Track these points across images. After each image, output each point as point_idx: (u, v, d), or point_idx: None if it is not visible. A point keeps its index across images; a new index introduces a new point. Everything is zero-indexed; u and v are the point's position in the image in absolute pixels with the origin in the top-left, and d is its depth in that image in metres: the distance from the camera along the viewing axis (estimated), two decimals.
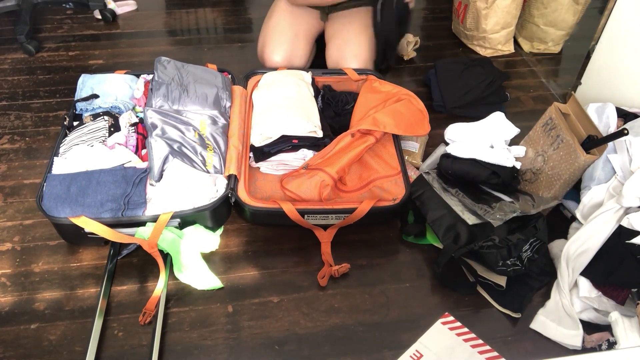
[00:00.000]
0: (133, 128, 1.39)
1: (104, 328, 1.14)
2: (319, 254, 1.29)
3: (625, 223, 1.10)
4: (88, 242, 1.29)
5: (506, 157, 1.34)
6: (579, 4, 1.91)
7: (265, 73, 1.63)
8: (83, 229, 1.19)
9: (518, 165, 1.37)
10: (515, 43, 2.10)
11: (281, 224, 1.32)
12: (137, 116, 1.44)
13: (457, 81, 1.74)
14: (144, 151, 1.37)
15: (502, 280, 1.20)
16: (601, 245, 1.13)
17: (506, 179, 1.32)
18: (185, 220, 1.25)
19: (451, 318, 1.18)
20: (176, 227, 1.26)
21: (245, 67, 1.69)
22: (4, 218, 1.37)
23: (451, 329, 1.16)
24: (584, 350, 1.11)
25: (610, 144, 1.23)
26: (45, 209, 1.20)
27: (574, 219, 1.28)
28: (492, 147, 1.37)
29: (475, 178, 1.33)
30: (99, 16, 2.18)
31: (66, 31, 2.12)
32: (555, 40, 2.03)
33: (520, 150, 1.42)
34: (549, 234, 1.23)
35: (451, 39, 2.14)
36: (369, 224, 1.34)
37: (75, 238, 1.27)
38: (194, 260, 1.23)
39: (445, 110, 1.73)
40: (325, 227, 1.32)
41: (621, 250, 1.11)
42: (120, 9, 2.23)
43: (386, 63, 1.90)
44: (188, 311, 1.18)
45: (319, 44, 1.87)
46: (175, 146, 1.30)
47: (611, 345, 1.08)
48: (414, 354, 1.11)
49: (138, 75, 1.58)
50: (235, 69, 1.67)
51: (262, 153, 1.39)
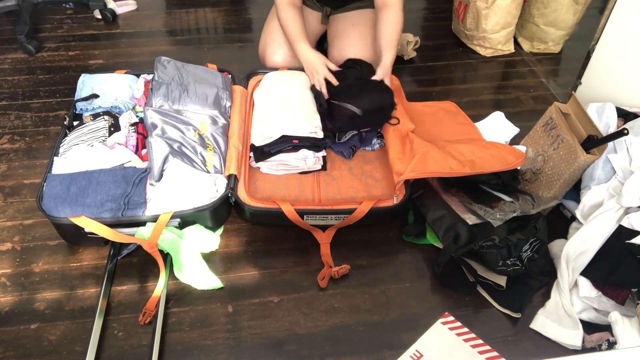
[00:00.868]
0: (133, 128, 1.39)
1: (104, 328, 1.14)
2: (319, 254, 1.29)
3: (625, 223, 1.10)
4: (88, 242, 1.29)
5: None
6: (579, 4, 1.91)
7: (266, 73, 1.63)
8: (83, 228, 1.19)
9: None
10: (515, 43, 2.10)
11: (281, 224, 1.32)
12: (137, 116, 1.44)
13: None
14: (144, 151, 1.37)
15: (502, 280, 1.20)
16: (601, 245, 1.13)
17: (506, 179, 1.32)
18: (185, 220, 1.25)
19: (451, 318, 1.18)
20: (176, 227, 1.26)
21: (245, 67, 1.69)
22: (4, 218, 1.37)
23: (451, 329, 1.16)
24: (584, 350, 1.11)
25: (610, 144, 1.23)
26: (45, 208, 1.20)
27: (574, 219, 1.28)
28: None
29: (475, 178, 1.33)
30: (99, 16, 2.18)
31: (66, 31, 2.12)
32: (555, 40, 2.03)
33: (520, 150, 1.41)
34: (549, 234, 1.23)
35: (451, 39, 2.14)
36: (369, 224, 1.34)
37: (75, 238, 1.27)
38: (194, 260, 1.23)
39: None
40: (324, 228, 1.32)
41: (621, 250, 1.11)
42: (120, 9, 2.23)
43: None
44: (188, 311, 1.18)
45: (319, 45, 1.87)
46: (175, 146, 1.30)
47: (611, 345, 1.08)
48: (414, 354, 1.11)
49: (138, 75, 1.58)
50: (235, 68, 1.67)
51: (263, 153, 1.39)
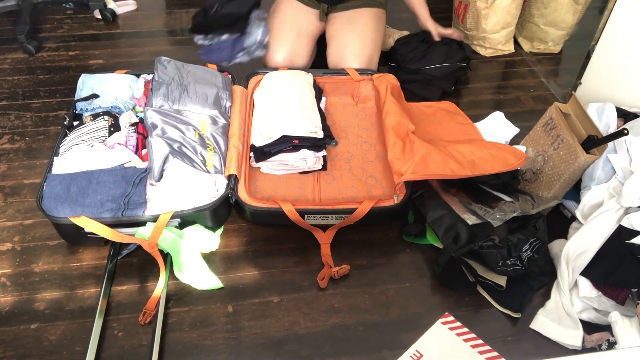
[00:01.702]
0: (133, 128, 1.39)
1: (104, 328, 1.14)
2: (319, 254, 1.29)
3: (625, 223, 1.10)
4: (88, 242, 1.29)
5: None
6: (579, 4, 1.91)
7: (266, 73, 1.63)
8: (83, 228, 1.19)
9: None
10: (515, 43, 2.10)
11: (281, 224, 1.32)
12: (137, 116, 1.44)
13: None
14: (144, 151, 1.37)
15: (502, 280, 1.19)
16: (601, 245, 1.13)
17: (506, 179, 1.32)
18: (185, 220, 1.25)
19: (451, 318, 1.18)
20: (176, 227, 1.26)
21: (245, 67, 1.69)
22: (4, 218, 1.37)
23: (451, 329, 1.16)
24: (584, 350, 1.11)
25: (610, 144, 1.23)
26: (45, 208, 1.20)
27: (574, 219, 1.28)
28: None
29: (475, 178, 1.33)
30: (99, 16, 2.18)
31: (66, 31, 2.12)
32: (555, 40, 2.03)
33: (520, 150, 1.41)
34: (549, 234, 1.23)
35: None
36: (369, 224, 1.34)
37: (75, 238, 1.27)
38: (194, 260, 1.23)
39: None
40: (324, 228, 1.32)
41: (621, 250, 1.11)
42: (120, 9, 2.23)
43: None
44: (188, 311, 1.18)
45: (320, 44, 1.87)
46: (175, 146, 1.30)
47: (611, 345, 1.08)
48: (414, 354, 1.11)
49: (138, 75, 1.58)
50: (235, 68, 1.67)
51: (263, 153, 1.39)
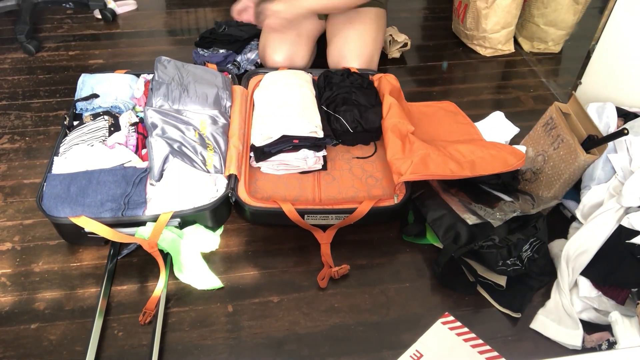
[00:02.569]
0: (133, 128, 1.39)
1: (104, 328, 1.14)
2: (319, 254, 1.29)
3: (625, 223, 1.10)
4: (88, 242, 1.29)
5: None
6: (579, 3, 1.91)
7: (266, 73, 1.63)
8: (83, 228, 1.19)
9: None
10: (516, 43, 2.10)
11: (281, 224, 1.32)
12: (137, 116, 1.44)
13: None
14: (144, 151, 1.37)
15: (502, 280, 1.19)
16: (601, 245, 1.13)
17: (506, 179, 1.32)
18: (185, 220, 1.25)
19: (451, 318, 1.18)
20: (176, 227, 1.26)
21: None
22: (4, 218, 1.37)
23: (451, 328, 1.16)
24: (584, 350, 1.11)
25: (610, 144, 1.23)
26: (45, 208, 1.20)
27: (574, 218, 1.28)
28: None
29: (475, 178, 1.33)
30: (99, 16, 2.18)
31: (66, 31, 2.12)
32: (555, 40, 2.03)
33: (520, 149, 1.41)
34: (549, 234, 1.23)
35: (451, 39, 2.14)
36: (369, 224, 1.34)
37: (75, 238, 1.27)
38: (194, 260, 1.23)
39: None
40: (324, 228, 1.32)
41: (621, 250, 1.11)
42: (120, 9, 2.23)
43: None
44: (188, 311, 1.18)
45: (320, 44, 1.87)
46: (175, 146, 1.30)
47: (611, 345, 1.08)
48: (414, 354, 1.11)
49: (138, 75, 1.58)
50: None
51: (263, 153, 1.39)
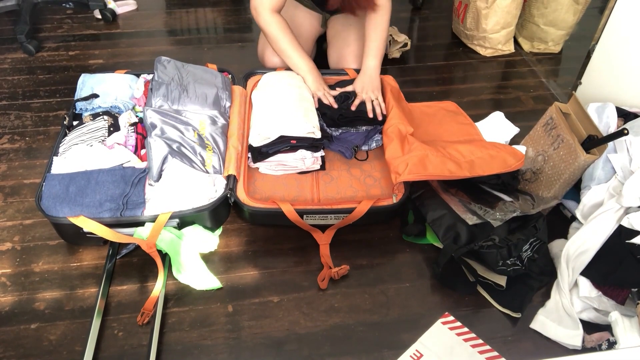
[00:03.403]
0: (132, 128, 1.39)
1: (104, 328, 1.14)
2: (319, 254, 1.29)
3: (625, 223, 1.10)
4: (87, 242, 1.29)
5: None
6: (579, 3, 1.91)
7: (264, 73, 1.62)
8: (82, 228, 1.19)
9: None
10: (516, 43, 2.10)
11: (280, 224, 1.32)
12: (137, 116, 1.44)
13: None
14: (143, 151, 1.36)
15: (502, 280, 1.19)
16: (601, 245, 1.13)
17: (506, 179, 1.32)
18: (184, 220, 1.25)
19: (451, 318, 1.18)
20: (175, 228, 1.26)
21: (245, 67, 1.69)
22: (4, 218, 1.37)
23: (451, 328, 1.16)
24: (584, 350, 1.11)
25: (610, 144, 1.23)
26: (44, 208, 1.20)
27: (574, 218, 1.28)
28: None
29: (474, 178, 1.33)
30: (99, 16, 2.18)
31: (66, 31, 2.12)
32: (555, 40, 2.03)
33: (520, 149, 1.41)
34: (549, 234, 1.23)
35: (451, 39, 2.14)
36: (368, 223, 1.34)
37: (74, 238, 1.27)
38: (193, 260, 1.23)
39: None
40: (323, 229, 1.32)
41: (621, 250, 1.11)
42: (120, 9, 2.23)
43: None
44: (188, 311, 1.18)
45: (319, 44, 1.87)
46: (174, 146, 1.29)
47: (611, 345, 1.08)
48: (414, 354, 1.11)
49: (138, 75, 1.58)
50: (235, 68, 1.67)
51: (260, 153, 1.39)
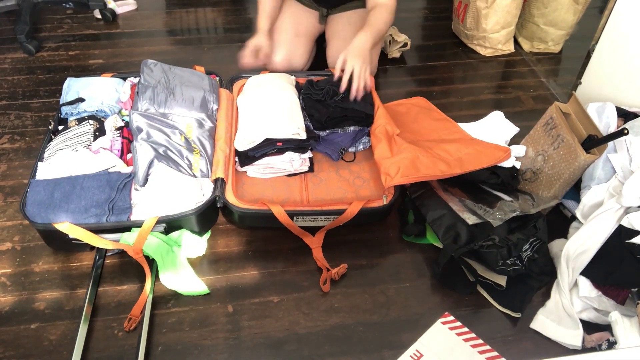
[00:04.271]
0: (118, 132, 1.37)
1: (104, 327, 1.13)
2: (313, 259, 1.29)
3: (625, 223, 1.10)
4: (73, 249, 1.26)
5: None
6: (579, 3, 1.91)
7: (249, 77, 1.62)
8: (67, 235, 1.17)
9: (518, 165, 1.38)
10: (516, 43, 2.10)
11: (270, 227, 1.31)
12: (123, 120, 1.42)
13: None
14: (129, 155, 1.34)
15: (502, 280, 1.19)
16: (601, 245, 1.13)
17: (505, 179, 1.32)
18: (171, 225, 1.23)
19: (451, 318, 1.18)
20: (162, 232, 1.24)
21: (231, 71, 1.69)
22: (4, 218, 1.37)
23: (451, 328, 1.16)
24: (584, 350, 1.11)
25: (610, 144, 1.23)
26: (29, 215, 1.17)
27: (574, 218, 1.28)
28: None
29: (474, 178, 1.33)
30: (99, 16, 2.18)
31: (66, 31, 2.12)
32: (555, 40, 2.03)
33: (520, 149, 1.42)
34: (549, 234, 1.23)
35: (451, 39, 2.14)
36: (358, 224, 1.33)
37: (60, 244, 1.25)
38: (180, 265, 1.21)
39: None
40: (313, 232, 1.31)
41: (621, 250, 1.11)
42: (120, 9, 2.23)
43: None
44: (188, 311, 1.18)
45: (319, 44, 1.87)
46: (160, 150, 1.27)
47: (611, 345, 1.08)
48: (414, 354, 1.11)
49: (125, 79, 1.56)
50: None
51: (247, 157, 1.38)
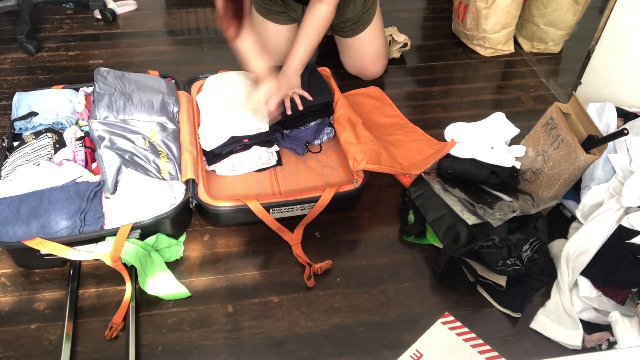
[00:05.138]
0: (80, 142, 1.35)
1: (104, 327, 1.13)
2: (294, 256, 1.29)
3: (625, 223, 1.10)
4: (45, 265, 1.22)
5: (505, 158, 1.34)
6: (579, 3, 1.91)
7: (207, 77, 1.62)
8: (39, 251, 1.14)
9: (518, 165, 1.38)
10: (516, 43, 2.10)
11: (247, 222, 1.31)
12: (82, 130, 1.41)
13: None
14: (94, 164, 1.32)
15: (502, 280, 1.19)
16: (601, 245, 1.13)
17: (505, 179, 1.32)
18: (146, 230, 1.22)
19: (451, 318, 1.18)
20: (137, 239, 1.22)
21: (188, 73, 1.70)
22: None
23: (451, 328, 1.16)
24: (584, 350, 1.11)
25: (610, 144, 1.23)
26: None
27: (574, 218, 1.28)
28: (493, 148, 1.37)
29: (474, 178, 1.33)
30: (99, 16, 2.18)
31: (66, 31, 2.12)
32: (555, 40, 2.03)
33: (520, 149, 1.42)
34: (549, 234, 1.23)
35: (451, 39, 2.14)
36: (332, 211, 1.33)
37: (30, 262, 1.21)
38: (159, 270, 1.21)
39: None
40: (292, 229, 1.31)
41: (621, 250, 1.11)
42: (120, 9, 2.23)
43: None
44: (188, 311, 1.18)
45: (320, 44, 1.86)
46: (126, 156, 1.26)
47: (611, 345, 1.08)
48: (414, 354, 1.11)
49: (77, 89, 1.54)
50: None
51: (215, 155, 1.38)
